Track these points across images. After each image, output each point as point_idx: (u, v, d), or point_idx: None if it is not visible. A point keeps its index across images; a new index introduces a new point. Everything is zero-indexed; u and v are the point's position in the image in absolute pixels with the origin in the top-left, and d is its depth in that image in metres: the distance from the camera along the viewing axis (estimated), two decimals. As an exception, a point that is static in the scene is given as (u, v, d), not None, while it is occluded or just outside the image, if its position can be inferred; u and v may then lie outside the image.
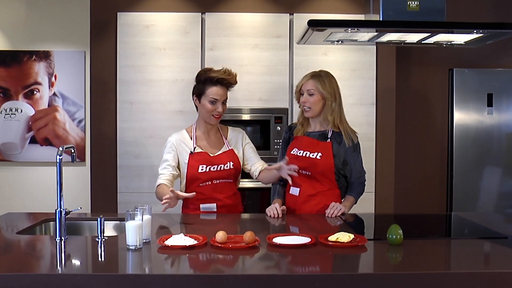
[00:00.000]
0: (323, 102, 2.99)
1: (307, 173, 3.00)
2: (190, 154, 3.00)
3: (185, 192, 2.95)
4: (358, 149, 3.04)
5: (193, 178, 2.98)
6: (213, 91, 2.96)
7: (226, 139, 3.12)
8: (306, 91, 2.99)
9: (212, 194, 3.00)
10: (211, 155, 3.02)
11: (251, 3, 4.33)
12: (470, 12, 4.67)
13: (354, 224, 2.77)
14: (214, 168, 2.99)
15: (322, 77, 2.98)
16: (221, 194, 3.01)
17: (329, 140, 2.99)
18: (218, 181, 3.01)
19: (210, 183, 3.00)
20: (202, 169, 2.97)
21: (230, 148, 3.09)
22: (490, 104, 4.70)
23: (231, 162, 3.04)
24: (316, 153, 2.97)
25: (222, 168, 3.01)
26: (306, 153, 3.00)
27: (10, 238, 2.46)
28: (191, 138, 3.05)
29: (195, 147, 3.01)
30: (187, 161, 2.99)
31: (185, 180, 3.03)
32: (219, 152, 3.05)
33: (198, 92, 3.01)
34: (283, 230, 2.64)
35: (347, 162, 3.00)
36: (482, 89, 4.72)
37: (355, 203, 3.05)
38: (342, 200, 3.03)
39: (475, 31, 2.75)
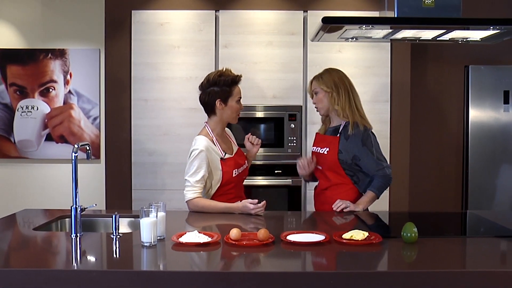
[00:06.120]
0: (327, 97, 3.02)
1: (319, 168, 3.09)
2: (221, 160, 2.95)
3: (215, 193, 2.97)
4: (368, 143, 2.96)
5: (228, 182, 2.97)
6: (238, 90, 2.98)
7: (230, 138, 3.16)
8: (312, 92, 3.10)
9: (239, 193, 3.06)
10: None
11: (265, 0, 4.32)
12: (486, 8, 4.61)
13: (368, 221, 2.75)
14: (241, 169, 3.04)
15: (320, 74, 3.07)
16: (242, 191, 3.10)
17: (338, 135, 3.00)
18: (241, 179, 3.10)
19: (237, 183, 3.07)
20: (235, 173, 2.99)
21: (237, 146, 3.14)
22: (506, 101, 4.64)
23: (245, 160, 3.12)
24: (324, 148, 3.04)
25: (244, 168, 3.08)
26: (318, 149, 3.09)
27: (27, 234, 2.49)
28: (214, 143, 2.96)
29: (225, 153, 2.98)
30: (220, 167, 2.93)
31: (219, 184, 2.95)
32: (235, 153, 3.07)
33: (224, 95, 2.93)
34: (297, 227, 2.63)
35: (359, 158, 2.98)
36: (498, 86, 4.66)
37: (377, 198, 3.01)
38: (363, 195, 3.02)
39: (491, 27, 2.72)
